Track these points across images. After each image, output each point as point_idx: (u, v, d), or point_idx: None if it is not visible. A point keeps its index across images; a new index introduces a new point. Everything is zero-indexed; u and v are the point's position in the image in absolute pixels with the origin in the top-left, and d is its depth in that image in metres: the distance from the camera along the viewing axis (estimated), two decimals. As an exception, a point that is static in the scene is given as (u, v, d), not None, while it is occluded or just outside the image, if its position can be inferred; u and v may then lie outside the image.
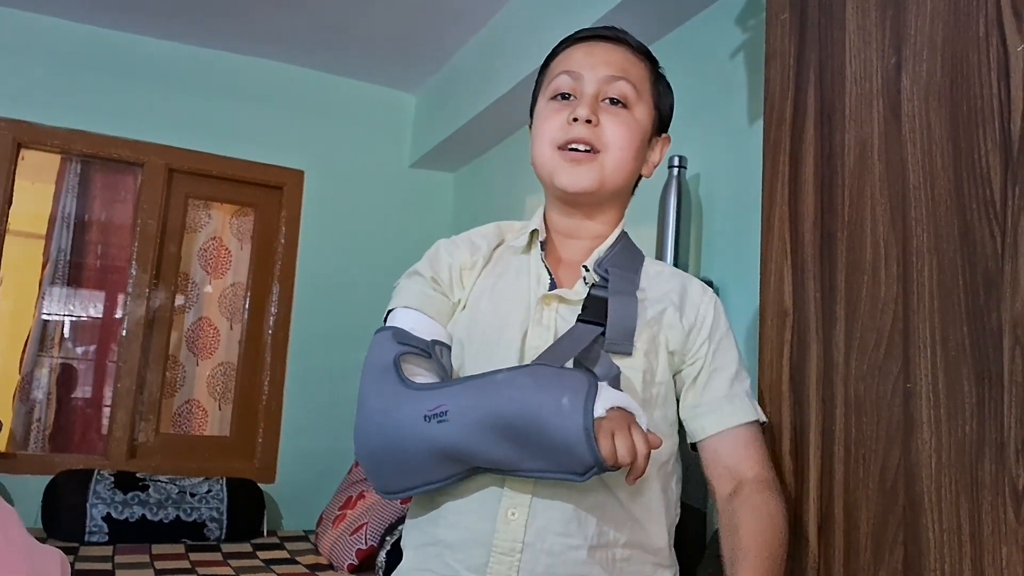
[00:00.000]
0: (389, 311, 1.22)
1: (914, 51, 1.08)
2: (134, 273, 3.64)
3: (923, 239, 1.04)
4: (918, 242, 1.05)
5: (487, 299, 1.20)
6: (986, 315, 0.95)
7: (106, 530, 3.11)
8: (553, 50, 1.28)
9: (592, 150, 1.17)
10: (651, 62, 1.27)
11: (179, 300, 3.81)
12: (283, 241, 3.92)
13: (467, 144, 3.78)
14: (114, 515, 3.13)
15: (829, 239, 1.18)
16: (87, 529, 3.09)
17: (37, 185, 3.62)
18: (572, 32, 1.28)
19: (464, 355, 1.17)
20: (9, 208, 3.47)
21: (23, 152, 3.53)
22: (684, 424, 1.19)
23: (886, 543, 1.05)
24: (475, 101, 3.41)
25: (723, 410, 1.16)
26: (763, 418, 1.19)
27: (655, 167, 1.28)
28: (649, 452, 0.96)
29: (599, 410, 0.97)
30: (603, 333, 1.12)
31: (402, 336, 1.14)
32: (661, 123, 1.28)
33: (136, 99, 3.68)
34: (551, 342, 1.13)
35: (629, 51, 1.23)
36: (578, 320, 1.13)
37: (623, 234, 1.27)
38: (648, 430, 0.99)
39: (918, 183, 1.06)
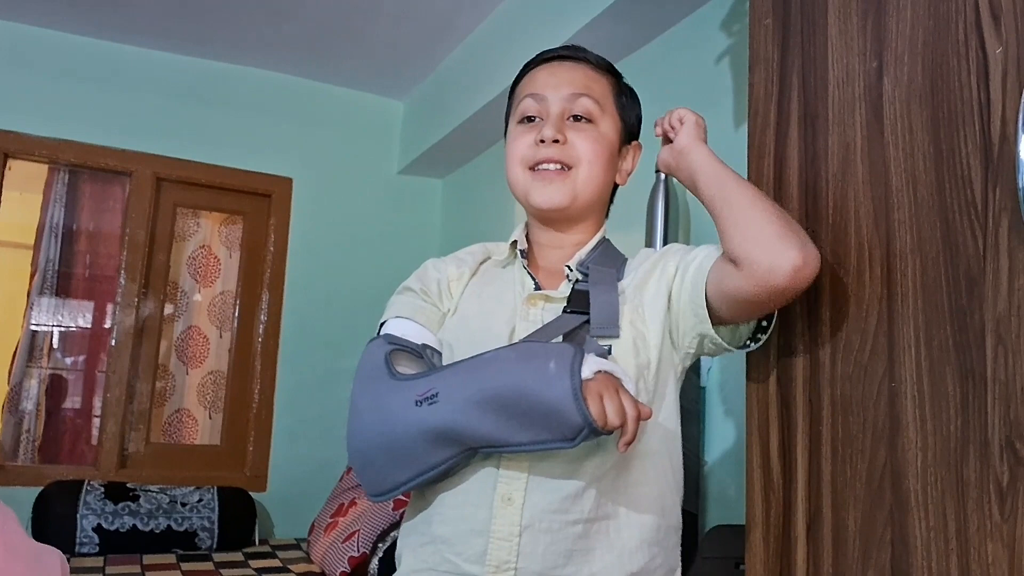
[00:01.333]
0: (381, 324, 1.25)
1: (895, 55, 1.10)
2: (123, 282, 3.63)
3: (906, 240, 1.05)
4: (901, 243, 1.06)
5: (474, 304, 1.25)
6: (969, 315, 0.96)
7: (97, 541, 3.10)
8: (519, 74, 1.33)
9: (563, 167, 1.21)
10: (614, 76, 1.31)
11: (168, 309, 3.81)
12: (272, 249, 3.92)
13: (455, 150, 3.79)
14: (105, 526, 3.12)
15: (814, 241, 1.19)
16: (78, 540, 3.08)
17: (25, 195, 3.61)
18: (537, 53, 1.32)
19: (454, 357, 1.18)
20: (-3, 219, 3.46)
21: (10, 162, 3.53)
22: (689, 298, 1.17)
23: (874, 542, 1.06)
24: (463, 107, 3.42)
25: (694, 261, 1.19)
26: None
27: (629, 174, 1.32)
28: (639, 416, 0.98)
29: (586, 372, 1.00)
30: (588, 321, 1.15)
31: (393, 339, 1.18)
32: (628, 133, 1.31)
33: (123, 108, 3.68)
34: None
35: (590, 68, 1.27)
36: (564, 311, 1.17)
37: (604, 240, 1.30)
38: (641, 404, 1.01)
39: (901, 185, 1.07)
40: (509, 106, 1.33)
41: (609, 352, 1.12)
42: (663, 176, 2.22)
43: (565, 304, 1.19)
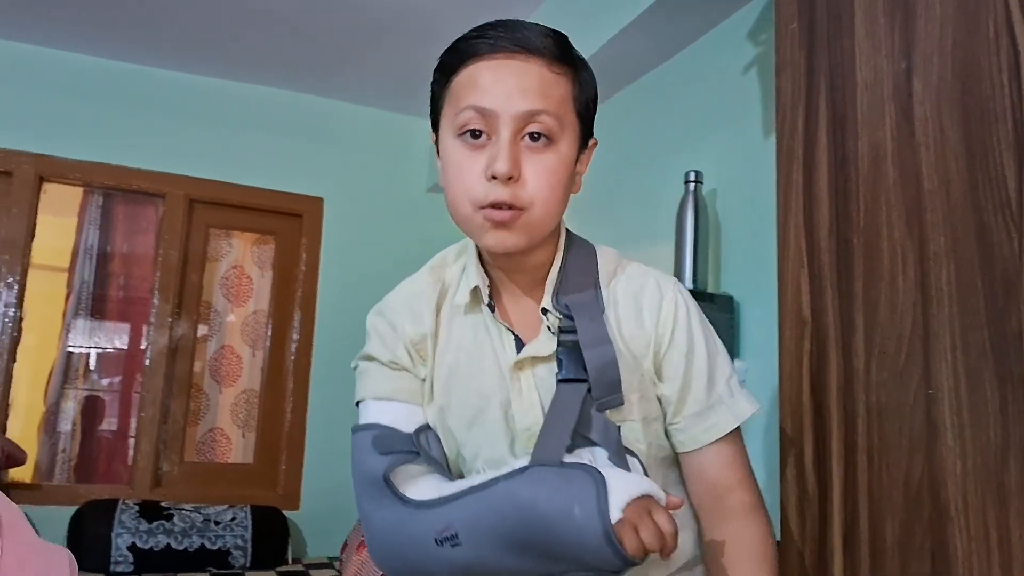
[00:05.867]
0: (359, 401, 1.17)
1: (924, 56, 1.08)
2: (156, 303, 3.67)
3: (940, 243, 1.03)
4: (935, 246, 1.04)
5: (456, 378, 1.12)
6: (1006, 317, 0.94)
7: (131, 560, 3.11)
8: (453, 55, 1.07)
9: (514, 207, 1.01)
10: (570, 65, 1.06)
11: (202, 329, 3.83)
12: (304, 268, 3.95)
13: (483, 167, 3.79)
14: (139, 544, 3.14)
15: (845, 246, 1.17)
16: (112, 559, 3.10)
17: (59, 219, 3.67)
18: (476, 27, 1.07)
19: (455, 440, 1.11)
20: (32, 242, 3.51)
21: (45, 186, 3.58)
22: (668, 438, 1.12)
23: (913, 552, 1.03)
24: (490, 124, 3.42)
25: (700, 426, 1.09)
26: (747, 414, 1.10)
27: (583, 176, 1.13)
28: (676, 528, 0.89)
29: (615, 513, 0.89)
30: (589, 389, 1.03)
31: (384, 442, 1.08)
32: (586, 131, 1.10)
33: (156, 131, 3.73)
34: (538, 414, 1.06)
35: (545, 65, 1.03)
36: (559, 381, 1.05)
37: (565, 243, 1.15)
38: (666, 493, 0.94)
39: (933, 187, 1.05)
40: (438, 95, 1.10)
41: (618, 434, 1.02)
42: (692, 187, 2.21)
43: (556, 367, 1.06)
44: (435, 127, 1.12)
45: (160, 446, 3.61)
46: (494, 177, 1.00)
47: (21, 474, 3.43)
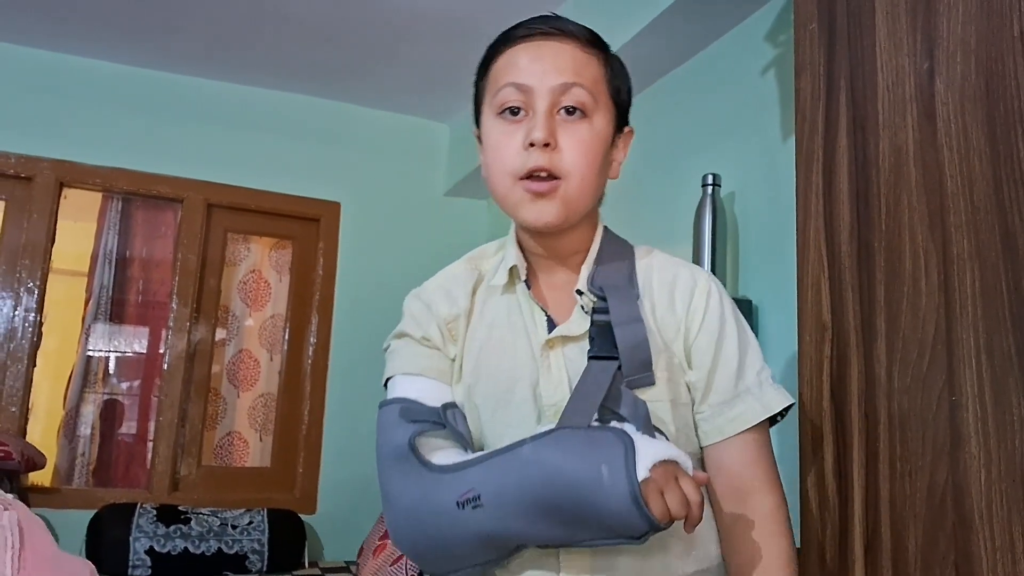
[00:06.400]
0: (387, 379, 1.16)
1: (947, 55, 1.06)
2: (175, 308, 3.68)
3: (963, 246, 1.01)
4: (959, 249, 1.02)
5: (486, 356, 1.12)
6: (1033, 322, 0.92)
7: (149, 563, 3.12)
8: (492, 48, 1.14)
9: (551, 175, 1.06)
10: (602, 50, 1.12)
11: (220, 333, 3.85)
12: (321, 272, 3.95)
13: (500, 171, 3.79)
14: (157, 548, 3.15)
15: (866, 250, 1.15)
16: (131, 563, 3.10)
17: (79, 224, 3.69)
18: (513, 25, 1.13)
19: (480, 420, 1.10)
20: (52, 247, 3.54)
21: (65, 191, 3.61)
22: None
23: (936, 562, 1.01)
24: (507, 128, 3.41)
25: (726, 415, 1.08)
26: (777, 407, 1.09)
27: (620, 165, 1.17)
28: (702, 498, 0.89)
29: (642, 472, 0.89)
30: (619, 367, 1.04)
31: (410, 411, 1.08)
32: (621, 117, 1.15)
33: (175, 137, 3.75)
34: (566, 391, 1.06)
35: (579, 46, 1.09)
36: (590, 358, 1.06)
37: (603, 234, 1.18)
38: (694, 470, 0.93)
39: (956, 189, 1.03)
40: (480, 87, 1.16)
41: (647, 410, 1.02)
42: (710, 189, 2.19)
43: (588, 346, 1.07)
44: (477, 121, 1.17)
45: (178, 450, 3.63)
46: (531, 145, 1.04)
47: (40, 478, 3.45)
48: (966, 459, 0.98)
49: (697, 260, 2.17)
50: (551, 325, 1.12)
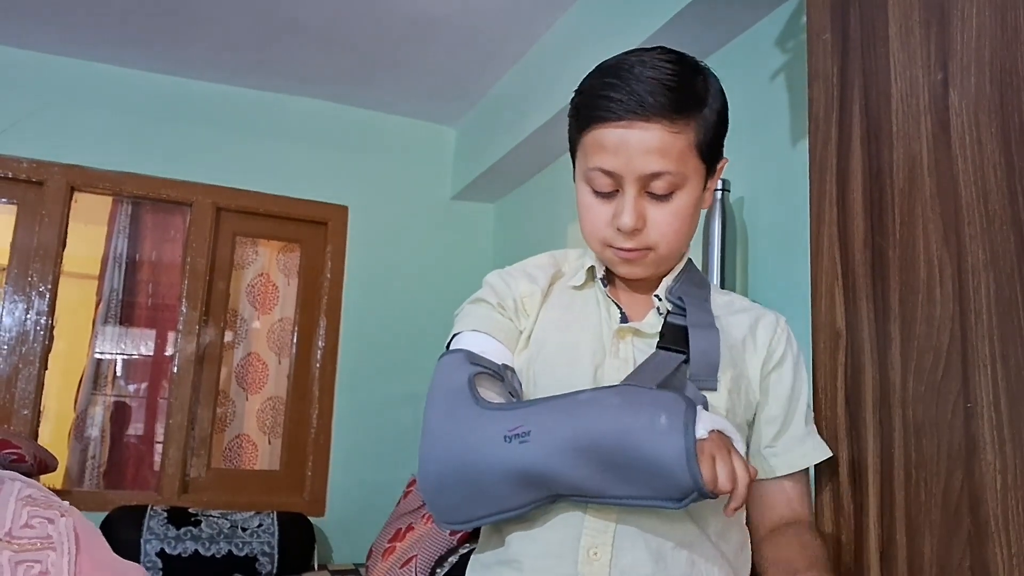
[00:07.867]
0: (454, 335, 1.16)
1: (961, 66, 1.07)
2: (184, 311, 3.69)
3: (978, 256, 1.02)
4: (973, 259, 1.03)
5: (554, 332, 1.14)
6: (1048, 332, 0.93)
7: (160, 565, 3.13)
8: (583, 108, 1.12)
9: (643, 249, 1.09)
10: (692, 113, 1.08)
11: (228, 336, 3.86)
12: (329, 276, 3.96)
13: (507, 175, 3.80)
14: (167, 550, 3.16)
15: (880, 258, 1.16)
16: (142, 565, 3.11)
17: (90, 227, 3.71)
18: (602, 77, 1.11)
19: (535, 390, 1.11)
20: (63, 250, 3.55)
21: (76, 195, 3.62)
22: (752, 460, 1.12)
23: (952, 570, 1.02)
24: (514, 132, 3.43)
25: (796, 451, 1.12)
26: (829, 453, 1.16)
27: (712, 192, 1.18)
28: (749, 478, 0.90)
29: (700, 431, 0.91)
30: (686, 362, 1.06)
31: (474, 358, 1.08)
32: (712, 164, 1.14)
33: (184, 141, 3.76)
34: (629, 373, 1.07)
35: (665, 127, 1.04)
36: (658, 347, 1.07)
37: (688, 262, 1.20)
38: (747, 461, 0.93)
39: (971, 199, 1.04)
40: (573, 139, 1.15)
41: (706, 401, 1.04)
42: (719, 195, 2.19)
43: (658, 339, 1.09)
44: (572, 156, 1.18)
45: (187, 452, 3.64)
46: (620, 229, 1.07)
47: (52, 480, 3.46)
48: (981, 466, 0.99)
49: (706, 266, 2.18)
50: (624, 320, 1.14)
